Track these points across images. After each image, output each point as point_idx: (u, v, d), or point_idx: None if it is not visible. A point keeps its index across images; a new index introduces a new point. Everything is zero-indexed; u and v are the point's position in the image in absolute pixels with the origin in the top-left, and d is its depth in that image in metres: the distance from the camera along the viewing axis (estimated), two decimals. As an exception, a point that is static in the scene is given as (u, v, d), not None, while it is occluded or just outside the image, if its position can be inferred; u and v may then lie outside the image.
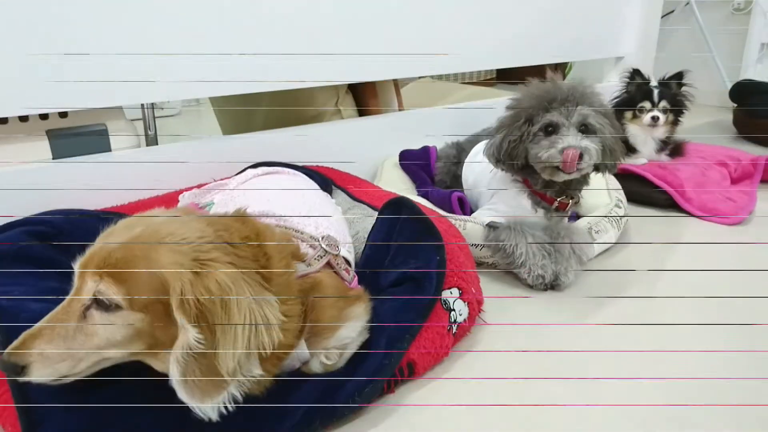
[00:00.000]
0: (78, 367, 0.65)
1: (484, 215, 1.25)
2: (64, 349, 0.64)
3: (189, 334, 0.63)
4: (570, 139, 1.11)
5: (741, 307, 1.10)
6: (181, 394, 0.63)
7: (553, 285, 1.17)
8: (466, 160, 1.47)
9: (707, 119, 2.80)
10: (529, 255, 1.14)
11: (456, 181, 1.52)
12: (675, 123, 1.74)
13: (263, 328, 0.66)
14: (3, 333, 0.72)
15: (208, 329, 0.63)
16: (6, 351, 0.64)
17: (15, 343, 0.64)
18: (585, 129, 1.14)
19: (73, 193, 1.19)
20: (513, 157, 1.18)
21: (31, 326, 0.65)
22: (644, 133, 1.73)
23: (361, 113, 1.88)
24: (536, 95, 1.18)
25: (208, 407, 0.64)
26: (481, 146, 1.47)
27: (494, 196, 1.29)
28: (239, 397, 0.66)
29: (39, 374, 0.64)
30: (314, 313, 0.79)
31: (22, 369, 0.63)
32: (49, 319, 0.66)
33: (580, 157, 1.10)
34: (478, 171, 1.39)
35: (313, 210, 0.95)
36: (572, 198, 1.23)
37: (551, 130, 1.14)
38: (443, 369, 0.93)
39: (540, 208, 1.23)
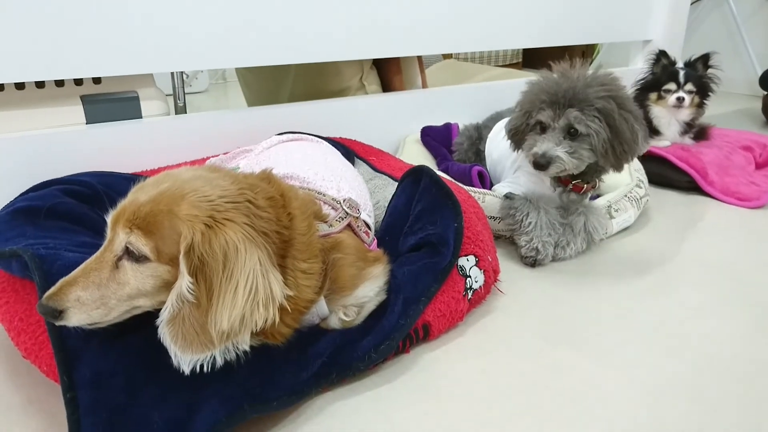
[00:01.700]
0: (111, 314, 0.69)
1: (503, 188, 1.27)
2: (98, 296, 0.68)
3: (183, 282, 0.65)
4: (545, 146, 1.12)
5: (758, 286, 1.10)
6: (164, 336, 0.66)
7: (552, 257, 1.19)
8: (490, 135, 1.49)
9: (736, 107, 2.76)
10: (536, 227, 1.16)
11: (476, 158, 1.54)
12: (700, 105, 1.73)
13: (262, 301, 0.67)
14: (42, 278, 0.75)
15: (204, 283, 0.65)
16: (44, 296, 0.67)
17: (53, 289, 0.68)
18: (574, 131, 1.12)
19: (105, 156, 1.24)
20: (516, 143, 1.23)
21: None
22: (669, 115, 1.72)
23: (385, 89, 1.90)
24: (536, 91, 1.17)
25: (186, 359, 0.66)
26: (503, 123, 1.48)
27: (517, 171, 1.31)
28: (221, 363, 0.68)
29: (75, 319, 0.67)
30: (334, 271, 0.82)
31: (59, 313, 0.67)
32: (83, 267, 0.69)
33: (549, 164, 1.11)
34: (503, 147, 1.41)
35: (335, 174, 0.97)
36: (588, 182, 1.23)
37: (542, 127, 1.15)
38: (458, 333, 0.95)
39: (557, 186, 1.24)
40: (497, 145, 1.45)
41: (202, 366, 0.67)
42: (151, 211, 0.67)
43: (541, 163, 1.11)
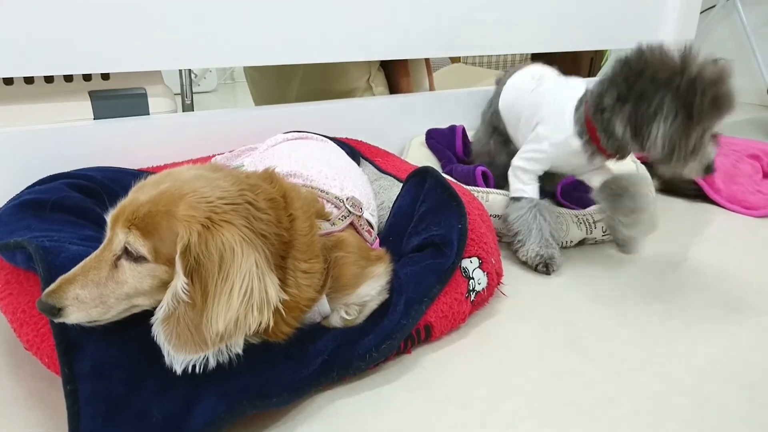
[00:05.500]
0: (109, 312, 0.69)
1: (520, 163, 1.23)
2: (96, 294, 0.68)
3: (178, 282, 0.65)
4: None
5: (763, 294, 1.10)
6: (158, 334, 0.66)
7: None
8: (503, 95, 1.44)
9: (745, 116, 2.75)
10: (529, 236, 1.18)
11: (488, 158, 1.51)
12: (708, 112, 1.71)
13: (256, 304, 0.67)
14: (46, 270, 0.76)
15: (200, 284, 0.65)
16: (44, 293, 0.68)
17: (52, 286, 0.68)
18: None
19: (111, 151, 1.24)
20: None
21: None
22: (676, 122, 1.71)
23: (392, 91, 1.90)
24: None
25: (179, 358, 0.66)
26: (518, 76, 1.46)
27: (539, 126, 1.24)
28: (213, 364, 0.68)
29: (74, 317, 0.68)
30: (336, 269, 0.82)
31: (58, 311, 0.67)
32: (83, 266, 0.69)
33: None
34: (522, 88, 1.37)
35: (339, 173, 0.97)
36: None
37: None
38: (460, 334, 0.95)
39: (592, 156, 1.18)
40: (513, 84, 1.42)
41: (194, 366, 0.67)
42: (149, 212, 0.67)
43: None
